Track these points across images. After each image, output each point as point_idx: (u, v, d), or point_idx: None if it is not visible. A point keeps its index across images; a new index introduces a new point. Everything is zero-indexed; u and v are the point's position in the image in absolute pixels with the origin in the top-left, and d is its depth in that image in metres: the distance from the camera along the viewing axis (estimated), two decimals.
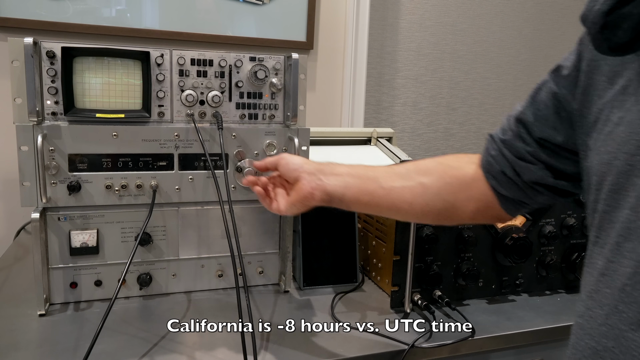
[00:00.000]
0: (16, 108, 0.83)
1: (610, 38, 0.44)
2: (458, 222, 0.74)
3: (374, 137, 1.41)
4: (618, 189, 0.44)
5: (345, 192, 0.73)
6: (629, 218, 0.42)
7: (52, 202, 0.86)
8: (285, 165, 0.78)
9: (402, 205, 0.72)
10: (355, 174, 0.75)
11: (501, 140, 0.64)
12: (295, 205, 0.77)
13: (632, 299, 0.41)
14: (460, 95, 1.98)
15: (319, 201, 0.75)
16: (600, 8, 0.43)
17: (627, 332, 0.41)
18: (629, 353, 0.40)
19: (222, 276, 0.99)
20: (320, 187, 0.73)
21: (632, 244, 0.42)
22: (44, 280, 0.87)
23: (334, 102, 1.74)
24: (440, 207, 0.70)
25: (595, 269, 0.47)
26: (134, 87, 0.88)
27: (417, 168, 0.74)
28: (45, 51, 0.83)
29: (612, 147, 0.45)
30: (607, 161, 0.46)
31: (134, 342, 0.79)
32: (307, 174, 0.75)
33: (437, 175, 0.71)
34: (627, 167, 0.43)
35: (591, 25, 0.45)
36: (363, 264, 1.10)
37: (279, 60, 0.95)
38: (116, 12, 1.43)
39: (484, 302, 0.99)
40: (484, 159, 0.67)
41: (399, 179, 0.73)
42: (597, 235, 0.48)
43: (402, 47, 1.85)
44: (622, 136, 0.44)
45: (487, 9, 1.93)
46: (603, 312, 0.44)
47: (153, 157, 0.90)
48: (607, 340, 0.43)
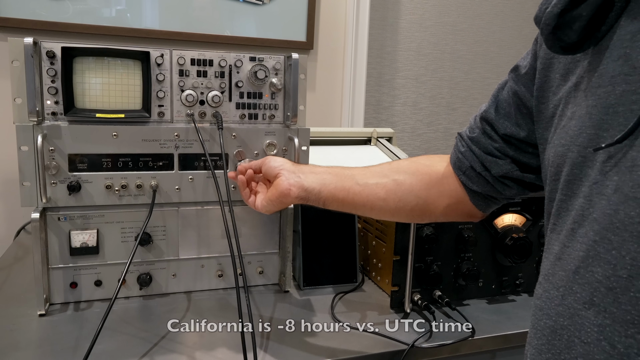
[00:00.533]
0: (16, 108, 0.83)
1: (562, 38, 0.47)
2: (430, 219, 0.78)
3: (374, 137, 1.41)
4: (573, 179, 0.47)
5: (322, 189, 0.78)
6: (583, 206, 0.45)
7: (52, 202, 0.86)
8: (267, 164, 0.84)
9: (376, 201, 0.76)
10: (332, 172, 0.80)
11: (469, 137, 0.68)
12: (272, 202, 0.81)
13: (585, 280, 0.43)
14: (460, 95, 1.98)
15: (296, 198, 0.79)
16: (552, 10, 0.46)
17: (581, 310, 0.43)
18: (583, 330, 0.43)
19: (222, 276, 0.99)
20: (298, 184, 0.78)
21: (585, 229, 0.44)
22: (44, 280, 0.87)
23: (334, 102, 1.74)
24: (414, 203, 0.74)
25: (552, 253, 0.49)
26: (134, 87, 0.88)
27: (391, 166, 0.78)
28: (45, 51, 0.83)
29: (566, 140, 0.48)
30: (562, 153, 0.49)
31: (134, 342, 0.79)
32: (287, 172, 0.80)
33: (410, 172, 0.75)
34: (580, 159, 0.46)
35: (544, 26, 0.47)
36: (363, 264, 1.10)
37: (279, 60, 0.95)
38: (116, 12, 1.43)
39: (484, 302, 0.99)
40: (453, 157, 0.70)
41: (373, 177, 0.77)
42: (554, 223, 0.50)
43: (402, 47, 1.85)
44: (574, 129, 0.47)
45: (487, 9, 1.93)
46: (559, 294, 0.46)
47: (153, 157, 0.90)
48: (564, 319, 0.45)
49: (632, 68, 0.42)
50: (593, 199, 0.44)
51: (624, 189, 0.41)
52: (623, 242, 0.40)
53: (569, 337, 0.44)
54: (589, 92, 0.46)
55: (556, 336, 0.46)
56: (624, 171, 0.41)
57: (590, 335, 0.42)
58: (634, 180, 0.40)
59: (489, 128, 0.65)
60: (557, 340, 0.46)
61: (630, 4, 0.44)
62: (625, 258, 0.40)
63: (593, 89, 0.46)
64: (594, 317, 0.42)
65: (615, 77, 0.43)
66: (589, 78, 0.47)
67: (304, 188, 0.78)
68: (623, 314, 0.40)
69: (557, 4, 0.45)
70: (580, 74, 0.49)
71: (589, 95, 0.46)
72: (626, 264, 0.40)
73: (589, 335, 0.43)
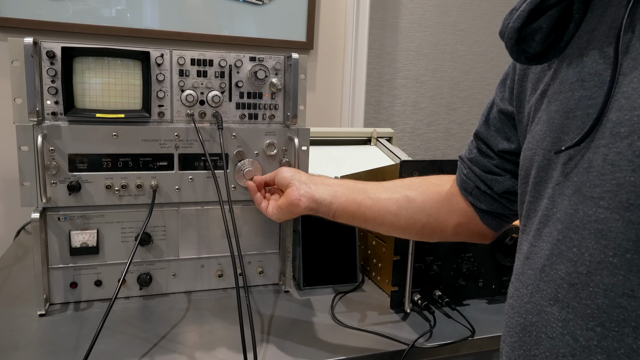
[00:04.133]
0: (16, 108, 0.83)
1: (527, 50, 0.49)
2: (441, 239, 0.77)
3: (374, 137, 1.41)
4: (539, 181, 0.49)
5: (333, 201, 0.78)
6: (547, 206, 0.47)
7: (52, 202, 0.86)
8: (280, 174, 0.85)
9: (387, 216, 0.76)
10: (345, 185, 0.81)
11: (469, 159, 0.69)
12: (282, 210, 0.82)
13: (550, 277, 0.45)
14: (460, 95, 1.98)
15: (305, 208, 0.79)
16: (513, 25, 0.48)
17: (547, 307, 0.45)
18: (549, 325, 0.45)
19: (222, 276, 0.99)
20: (309, 194, 0.79)
21: (549, 229, 0.46)
22: (44, 280, 0.87)
23: (334, 102, 1.74)
24: (424, 221, 0.74)
25: (522, 253, 0.51)
26: (134, 87, 0.88)
27: (403, 183, 0.79)
28: (45, 51, 0.83)
29: (533, 145, 0.51)
30: (529, 157, 0.51)
31: (134, 342, 0.79)
32: (298, 182, 0.81)
33: (422, 190, 0.76)
34: (545, 162, 0.48)
35: (507, 40, 0.49)
36: (363, 264, 1.10)
37: (279, 60, 0.95)
38: (116, 12, 1.43)
39: (484, 302, 0.99)
40: (458, 179, 0.72)
41: (386, 192, 0.77)
42: (524, 224, 0.53)
43: (402, 47, 1.85)
44: (539, 134, 0.50)
45: (487, 9, 1.93)
46: (528, 292, 0.48)
47: (153, 157, 0.90)
48: (532, 316, 0.47)
49: (587, 74, 0.45)
50: (556, 200, 0.46)
51: (582, 190, 0.43)
52: (582, 240, 0.42)
53: (537, 333, 0.46)
54: (552, 98, 0.49)
55: (526, 333, 0.48)
56: (582, 172, 0.43)
57: (555, 330, 0.44)
58: (591, 181, 0.42)
59: (484, 146, 0.66)
60: (527, 337, 0.48)
61: (587, 15, 0.47)
62: (585, 255, 0.42)
63: (555, 95, 0.48)
64: (558, 313, 0.44)
65: (574, 84, 0.46)
66: (552, 85, 0.50)
67: (314, 199, 0.79)
68: (584, 308, 0.42)
69: (517, 18, 0.48)
70: (546, 82, 0.51)
71: (552, 101, 0.49)
72: (585, 261, 0.42)
73: (554, 330, 0.44)
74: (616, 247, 0.40)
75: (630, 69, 0.40)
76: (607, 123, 0.41)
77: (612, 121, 0.41)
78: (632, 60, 0.40)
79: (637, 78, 0.39)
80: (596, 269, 0.41)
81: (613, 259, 0.40)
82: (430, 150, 1.98)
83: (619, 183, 0.39)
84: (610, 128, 0.41)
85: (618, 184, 0.40)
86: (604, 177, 0.41)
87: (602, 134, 0.41)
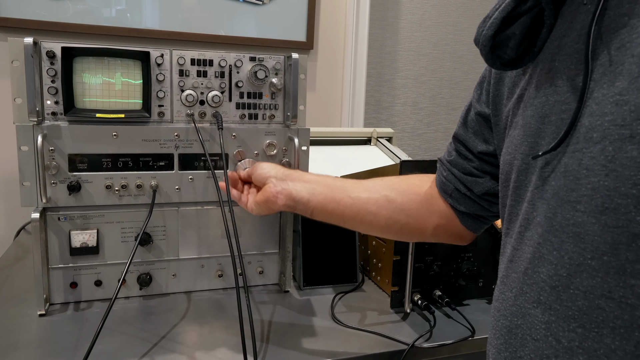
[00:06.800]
0: (16, 108, 0.83)
1: (501, 56, 0.50)
2: (420, 239, 0.77)
3: (374, 137, 1.41)
4: (519, 185, 0.50)
5: (311, 199, 0.76)
6: (527, 210, 0.48)
7: (52, 202, 0.86)
8: (255, 172, 0.82)
9: (366, 215, 0.75)
10: (323, 182, 0.78)
11: (448, 161, 0.69)
12: (259, 205, 0.80)
13: (532, 280, 0.46)
14: (460, 95, 1.98)
15: (283, 206, 0.77)
16: (487, 32, 0.49)
17: (531, 309, 0.46)
18: (533, 327, 0.46)
19: (222, 276, 0.99)
20: (285, 192, 0.77)
21: (530, 232, 0.47)
22: (44, 280, 0.87)
23: (334, 102, 1.74)
24: (404, 222, 0.74)
25: (505, 257, 0.52)
26: (134, 87, 0.88)
27: (383, 183, 0.77)
28: (45, 51, 0.83)
29: (512, 149, 0.52)
30: (509, 161, 0.52)
31: (134, 342, 0.79)
32: (275, 179, 0.78)
33: (401, 190, 0.75)
34: (524, 166, 0.49)
35: (482, 47, 0.50)
36: (363, 264, 1.10)
37: (279, 60, 0.95)
38: (116, 12, 1.43)
39: (484, 302, 0.99)
40: (438, 182, 0.71)
41: (365, 191, 0.76)
42: (507, 227, 0.53)
43: (402, 47, 1.85)
44: (518, 139, 0.50)
45: (487, 9, 1.93)
46: (512, 295, 0.49)
47: (153, 157, 0.90)
48: (517, 318, 0.48)
49: (560, 79, 0.46)
50: (536, 204, 0.47)
51: (560, 194, 0.43)
52: (562, 243, 0.43)
53: (522, 335, 0.47)
54: (528, 103, 0.50)
55: (512, 335, 0.49)
56: (559, 177, 0.44)
57: (539, 332, 0.45)
58: (568, 185, 0.43)
59: (463, 148, 0.66)
60: (513, 339, 0.48)
61: (558, 21, 0.48)
62: (564, 258, 0.43)
63: (531, 99, 0.49)
64: (541, 315, 0.45)
65: (548, 89, 0.47)
66: (528, 90, 0.50)
67: (291, 197, 0.76)
68: (565, 310, 0.43)
69: (490, 26, 0.48)
70: (522, 86, 0.52)
71: (528, 106, 0.50)
72: (565, 264, 0.43)
73: (538, 332, 0.45)
74: (594, 250, 0.40)
75: (600, 75, 0.41)
76: (581, 128, 0.42)
77: (585, 126, 0.41)
78: (601, 66, 0.41)
79: (606, 84, 0.40)
80: (576, 272, 0.42)
81: (591, 262, 0.40)
82: (430, 150, 1.98)
83: (594, 187, 0.40)
84: (584, 133, 0.41)
85: (593, 188, 0.40)
86: (579, 181, 0.41)
87: (577, 139, 0.42)
